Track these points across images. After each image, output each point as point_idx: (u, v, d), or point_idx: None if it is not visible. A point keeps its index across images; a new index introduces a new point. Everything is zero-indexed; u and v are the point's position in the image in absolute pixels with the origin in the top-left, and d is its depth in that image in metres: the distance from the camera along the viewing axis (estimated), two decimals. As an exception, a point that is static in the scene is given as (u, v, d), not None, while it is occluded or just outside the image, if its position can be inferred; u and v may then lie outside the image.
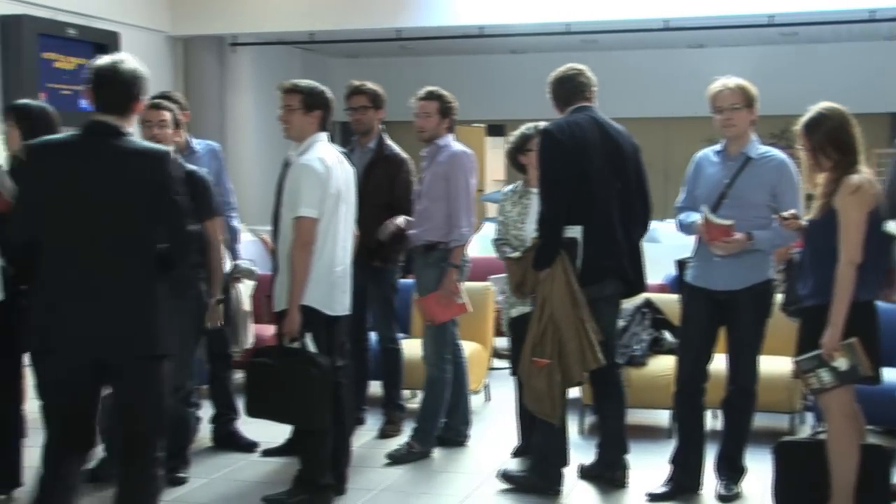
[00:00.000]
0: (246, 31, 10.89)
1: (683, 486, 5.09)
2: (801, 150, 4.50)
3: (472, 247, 5.99)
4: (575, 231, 4.98)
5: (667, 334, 6.36)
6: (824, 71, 12.72)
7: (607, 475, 5.25)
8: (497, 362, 7.56)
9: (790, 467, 4.65)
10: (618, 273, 5.12)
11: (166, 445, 4.46)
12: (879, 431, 5.90)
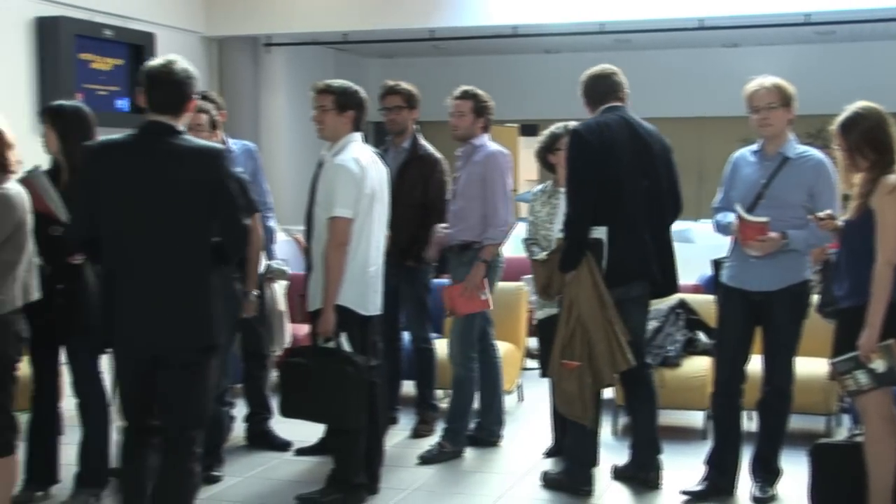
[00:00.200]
0: (280, 32, 10.91)
1: (718, 486, 5.06)
2: (837, 150, 4.46)
3: (506, 247, 5.98)
4: (600, 232, 4.96)
5: (701, 335, 6.33)
6: (861, 70, 12.57)
7: (640, 476, 5.23)
8: (530, 363, 7.54)
9: (827, 470, 4.61)
10: (644, 274, 5.09)
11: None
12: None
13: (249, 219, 4.37)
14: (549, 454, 5.78)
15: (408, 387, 6.59)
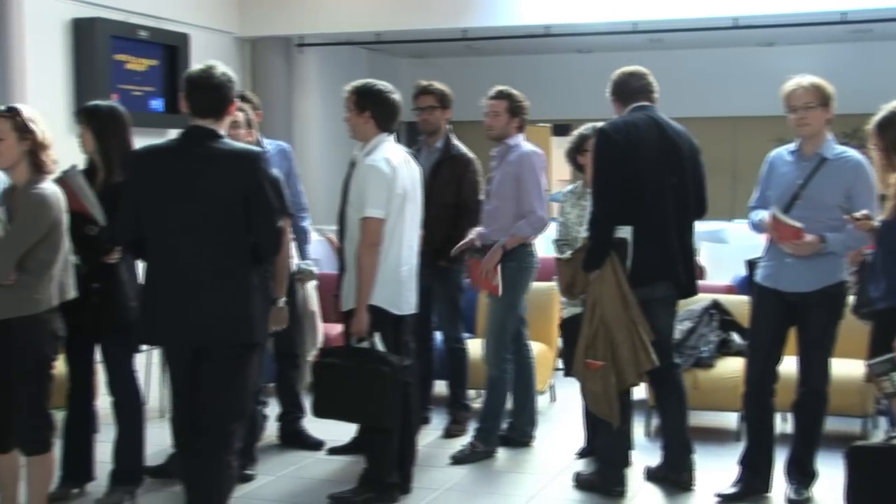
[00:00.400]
0: (313, 32, 10.96)
1: (753, 488, 5.03)
2: (873, 150, 4.42)
3: (540, 247, 5.96)
4: (625, 231, 4.93)
5: (735, 336, 6.28)
6: (897, 69, 12.46)
7: (673, 477, 5.20)
8: (562, 363, 7.52)
9: (863, 473, 4.54)
10: (668, 275, 5.05)
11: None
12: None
13: (283, 221, 4.40)
14: (582, 455, 5.76)
15: (440, 387, 6.59)
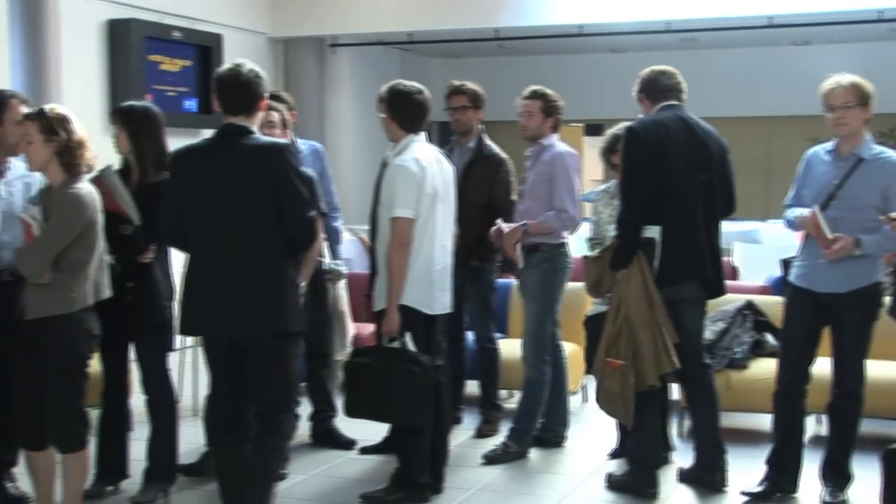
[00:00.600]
0: (345, 32, 11.00)
1: (779, 487, 4.99)
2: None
3: (573, 247, 5.94)
4: (653, 231, 4.90)
5: (769, 337, 6.24)
6: (935, 68, 12.33)
7: (706, 478, 5.17)
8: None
9: (899, 475, 4.52)
10: (697, 275, 5.02)
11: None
12: None
13: (314, 212, 4.44)
14: (614, 455, 5.74)
15: (471, 387, 6.59)
